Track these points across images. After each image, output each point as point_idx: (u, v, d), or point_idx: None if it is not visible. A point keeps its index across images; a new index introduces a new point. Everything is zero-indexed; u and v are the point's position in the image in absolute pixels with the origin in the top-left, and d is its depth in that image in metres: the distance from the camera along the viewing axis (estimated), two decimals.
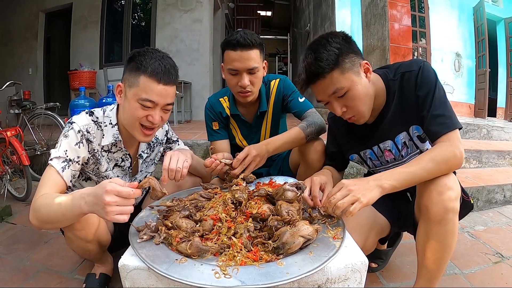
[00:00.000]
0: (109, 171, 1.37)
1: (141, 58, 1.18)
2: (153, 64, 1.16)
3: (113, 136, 1.31)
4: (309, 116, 1.60)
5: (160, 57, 1.19)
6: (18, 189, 2.80)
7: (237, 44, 1.44)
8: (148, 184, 1.02)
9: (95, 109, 1.33)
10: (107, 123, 1.31)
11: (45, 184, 1.12)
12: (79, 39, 6.33)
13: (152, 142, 1.51)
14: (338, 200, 0.98)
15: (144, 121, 1.22)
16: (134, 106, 1.19)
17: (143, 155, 1.47)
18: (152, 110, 1.20)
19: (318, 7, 6.92)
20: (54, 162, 1.16)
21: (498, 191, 2.56)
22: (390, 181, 1.01)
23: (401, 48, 4.47)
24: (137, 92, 1.18)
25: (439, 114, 1.08)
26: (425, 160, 1.02)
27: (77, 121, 1.24)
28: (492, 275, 1.57)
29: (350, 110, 1.15)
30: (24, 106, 3.35)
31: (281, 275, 0.78)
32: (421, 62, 1.15)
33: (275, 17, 15.12)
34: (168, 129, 1.60)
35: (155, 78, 1.16)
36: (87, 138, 1.25)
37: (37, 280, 1.52)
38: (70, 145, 1.20)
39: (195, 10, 6.10)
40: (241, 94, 1.55)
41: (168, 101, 1.22)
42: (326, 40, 1.10)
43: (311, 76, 1.10)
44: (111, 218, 0.86)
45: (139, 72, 1.17)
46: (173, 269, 0.80)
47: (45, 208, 1.03)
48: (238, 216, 1.04)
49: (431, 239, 1.06)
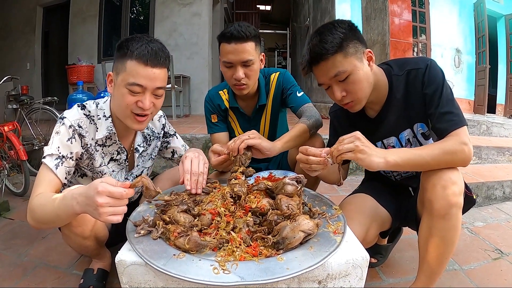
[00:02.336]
0: (104, 166, 1.34)
1: (127, 43, 1.14)
2: (139, 48, 1.12)
3: (107, 128, 1.28)
4: (307, 111, 1.58)
5: (147, 41, 1.15)
6: (16, 184, 2.79)
7: (231, 36, 1.43)
8: (141, 183, 0.97)
9: (88, 102, 1.30)
10: (101, 116, 1.28)
11: (40, 183, 1.11)
12: (77, 33, 6.29)
13: (148, 135, 1.48)
14: (344, 143, 1.01)
15: (135, 108, 1.17)
16: (122, 92, 1.15)
17: (139, 149, 1.44)
18: (141, 95, 1.16)
19: (318, 1, 6.88)
20: (47, 160, 1.14)
21: (497, 188, 2.56)
22: (395, 157, 1.01)
23: (401, 43, 4.45)
24: (124, 77, 1.14)
25: (447, 112, 1.08)
26: (432, 148, 1.03)
27: (68, 116, 1.21)
28: (491, 271, 1.57)
29: (349, 95, 1.15)
30: (22, 101, 3.32)
31: (281, 271, 0.76)
32: (428, 60, 1.15)
33: (274, 12, 15.03)
34: (165, 122, 1.56)
35: (141, 60, 1.12)
36: (79, 132, 1.22)
37: (35, 275, 1.52)
38: (62, 141, 1.18)
39: (194, 4, 6.07)
40: (236, 87, 1.54)
41: (157, 85, 1.17)
42: (332, 25, 1.12)
43: (314, 57, 1.11)
44: (104, 219, 0.84)
45: (125, 57, 1.13)
46: (171, 265, 0.79)
47: (40, 208, 1.02)
48: (237, 211, 1.02)
49: (434, 234, 1.05)
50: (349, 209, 1.25)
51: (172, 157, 1.61)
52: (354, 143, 1.00)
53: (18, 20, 6.58)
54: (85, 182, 1.33)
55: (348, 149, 0.99)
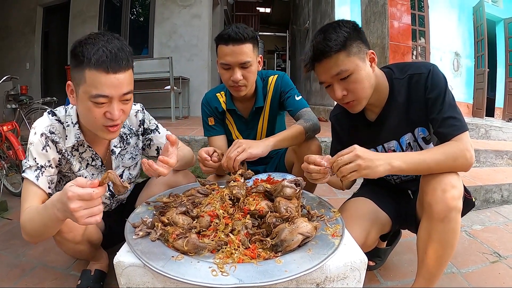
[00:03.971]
0: (83, 170, 1.30)
1: (82, 49, 1.00)
2: (96, 53, 0.99)
3: (75, 136, 1.20)
4: (305, 115, 1.58)
5: (104, 42, 1.01)
6: (14, 184, 2.78)
7: (229, 38, 1.43)
8: (108, 179, 0.88)
9: (58, 108, 1.24)
10: (69, 123, 1.21)
11: (26, 198, 1.09)
12: (77, 33, 6.25)
13: (125, 134, 1.38)
14: (344, 162, 0.99)
15: (104, 121, 1.08)
16: (87, 106, 1.05)
17: (116, 150, 1.35)
18: (108, 106, 1.06)
19: (318, 4, 6.91)
20: (27, 173, 1.12)
21: (495, 191, 2.56)
22: (400, 162, 1.02)
23: (400, 46, 4.47)
24: (85, 89, 1.02)
25: (450, 117, 1.08)
26: (435, 152, 1.03)
27: (38, 125, 1.17)
28: (489, 274, 1.57)
29: (350, 94, 1.15)
30: (21, 101, 3.33)
31: (280, 273, 0.76)
32: (430, 66, 1.15)
33: (274, 14, 15.07)
34: (143, 118, 1.43)
35: (101, 68, 0.99)
36: (52, 139, 1.17)
37: (33, 276, 1.51)
38: (38, 151, 1.14)
39: (194, 6, 6.08)
40: (234, 89, 1.54)
41: (124, 91, 1.06)
42: (337, 24, 1.13)
43: (317, 54, 1.11)
44: (83, 222, 0.82)
45: (82, 66, 1.00)
46: (169, 266, 0.79)
47: (29, 223, 1.01)
48: (236, 213, 1.02)
49: (433, 237, 1.06)
50: (349, 213, 1.25)
51: (158, 154, 1.48)
52: (355, 162, 0.99)
53: (18, 20, 6.57)
54: None
55: (351, 169, 0.99)
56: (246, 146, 1.30)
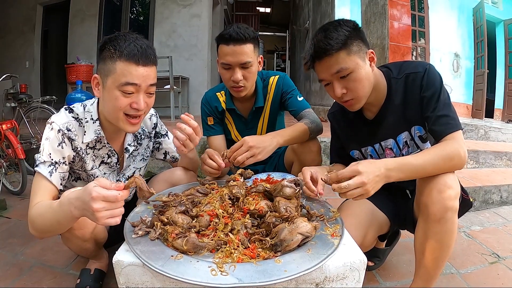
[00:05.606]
0: (95, 169, 1.32)
1: (113, 44, 1.10)
2: (128, 47, 1.09)
3: (95, 132, 1.24)
4: (308, 115, 1.59)
5: (133, 39, 1.12)
6: (13, 183, 2.78)
7: (230, 38, 1.43)
8: (135, 184, 0.93)
9: (75, 105, 1.27)
10: (88, 119, 1.24)
11: (36, 193, 1.10)
12: (76, 32, 6.27)
13: (139, 133, 1.43)
14: (351, 188, 0.97)
15: (128, 110, 1.15)
16: (115, 95, 1.12)
17: (129, 149, 1.38)
18: (136, 96, 1.13)
19: (318, 5, 6.91)
20: (41, 168, 1.12)
21: (494, 192, 2.56)
22: (397, 173, 1.02)
23: (400, 47, 4.47)
24: (115, 78, 1.10)
25: (444, 115, 1.10)
26: (432, 155, 1.03)
27: (56, 120, 1.18)
28: (488, 275, 1.57)
29: (349, 93, 1.16)
30: (20, 99, 3.31)
31: (279, 273, 0.76)
32: (427, 65, 1.17)
33: (274, 14, 15.07)
34: (157, 122, 1.51)
35: (132, 60, 1.09)
36: (68, 136, 1.19)
37: (31, 275, 1.51)
38: (53, 147, 1.16)
39: (194, 5, 6.06)
40: (234, 89, 1.54)
41: (151, 82, 1.15)
42: (338, 23, 1.14)
43: (318, 52, 1.12)
44: (103, 223, 0.83)
45: (114, 58, 1.09)
46: (169, 266, 0.79)
47: (39, 218, 1.01)
48: (235, 212, 1.02)
49: (430, 238, 1.06)
50: (346, 213, 1.25)
51: (165, 158, 1.57)
52: (362, 188, 0.97)
53: (17, 19, 6.55)
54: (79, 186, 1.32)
55: (358, 193, 0.97)
56: (256, 151, 1.31)
